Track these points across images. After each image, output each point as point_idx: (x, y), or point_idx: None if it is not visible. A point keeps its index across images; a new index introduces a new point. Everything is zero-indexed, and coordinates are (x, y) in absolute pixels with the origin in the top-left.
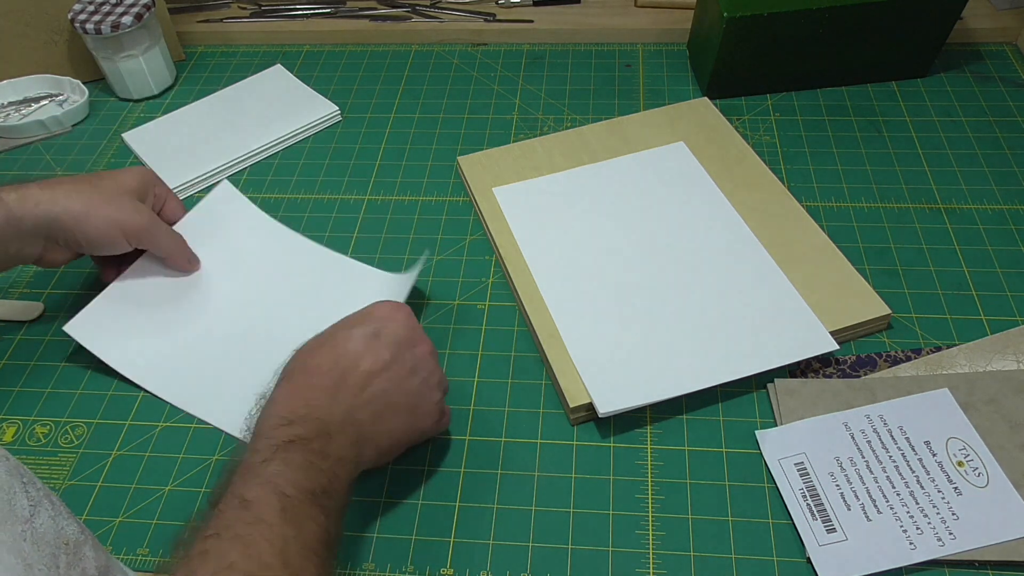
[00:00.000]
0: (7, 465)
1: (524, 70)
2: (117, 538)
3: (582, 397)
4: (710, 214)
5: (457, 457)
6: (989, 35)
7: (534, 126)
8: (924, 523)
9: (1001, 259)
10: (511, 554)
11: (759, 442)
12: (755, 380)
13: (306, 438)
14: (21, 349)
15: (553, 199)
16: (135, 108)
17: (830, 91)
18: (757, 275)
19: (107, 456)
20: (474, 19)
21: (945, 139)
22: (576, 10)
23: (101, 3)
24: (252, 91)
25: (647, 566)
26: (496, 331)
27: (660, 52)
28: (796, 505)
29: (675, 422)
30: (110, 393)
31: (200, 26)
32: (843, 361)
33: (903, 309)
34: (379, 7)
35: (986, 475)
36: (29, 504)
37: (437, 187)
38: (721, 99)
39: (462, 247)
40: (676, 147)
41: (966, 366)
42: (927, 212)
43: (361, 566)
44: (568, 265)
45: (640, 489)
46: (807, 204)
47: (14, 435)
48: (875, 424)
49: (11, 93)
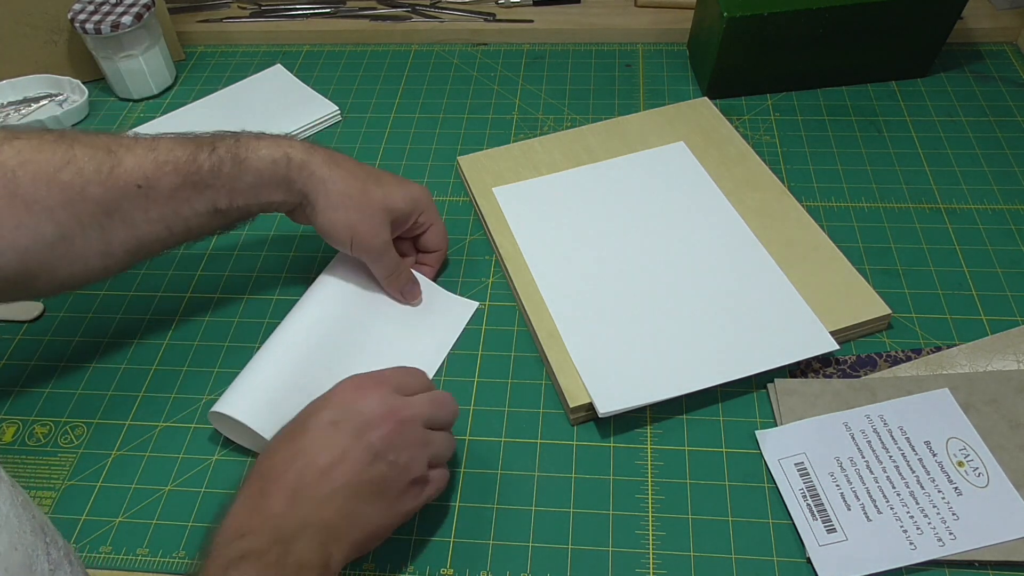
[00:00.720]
0: (33, 524)
1: (524, 70)
2: (117, 538)
3: (582, 397)
4: (710, 214)
5: (457, 457)
6: (989, 35)
7: (534, 126)
8: (924, 523)
9: (1001, 259)
10: (511, 554)
11: (759, 442)
12: (755, 380)
13: (260, 551)
14: (21, 349)
15: (553, 199)
16: (135, 108)
17: (830, 91)
18: (757, 275)
19: (107, 456)
20: (474, 19)
21: (945, 139)
22: (576, 10)
23: (101, 3)
24: (252, 91)
25: (647, 566)
26: (496, 331)
27: (660, 52)
28: (796, 505)
29: (675, 422)
30: (110, 393)
31: (200, 26)
32: (843, 361)
33: (903, 309)
34: (379, 7)
35: (986, 475)
36: (49, 568)
37: (437, 187)
38: (721, 99)
39: (462, 247)
40: (676, 147)
41: (966, 366)
42: (927, 212)
43: (361, 566)
44: (568, 265)
45: (640, 489)
46: (807, 204)
47: (14, 435)
48: (875, 424)
49: (11, 93)
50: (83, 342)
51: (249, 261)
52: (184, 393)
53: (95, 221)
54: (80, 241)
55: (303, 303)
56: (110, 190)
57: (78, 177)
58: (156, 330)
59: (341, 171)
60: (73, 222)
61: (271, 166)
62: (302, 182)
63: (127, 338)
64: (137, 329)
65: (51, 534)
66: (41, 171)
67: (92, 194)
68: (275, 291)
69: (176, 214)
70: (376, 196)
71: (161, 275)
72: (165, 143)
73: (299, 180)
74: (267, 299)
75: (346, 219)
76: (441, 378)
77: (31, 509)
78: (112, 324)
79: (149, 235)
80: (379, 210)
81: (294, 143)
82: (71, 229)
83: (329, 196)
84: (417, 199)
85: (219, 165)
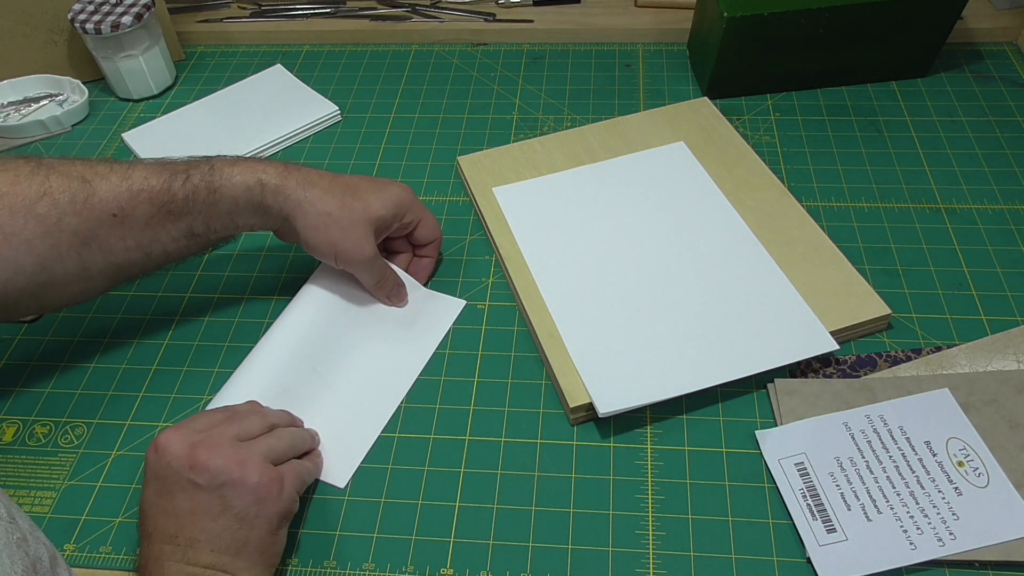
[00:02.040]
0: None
1: (524, 70)
2: (117, 538)
3: (582, 397)
4: (710, 214)
5: (457, 457)
6: (989, 35)
7: (534, 126)
8: (924, 523)
9: (1001, 259)
10: (511, 554)
11: (759, 442)
12: (755, 380)
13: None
14: (21, 349)
15: (553, 199)
16: (135, 108)
17: (830, 91)
18: (757, 275)
19: (107, 456)
20: (474, 19)
21: (945, 139)
22: (576, 10)
23: (101, 3)
24: (252, 91)
25: (647, 566)
26: (496, 331)
27: (660, 52)
28: (796, 505)
29: (675, 422)
30: (110, 393)
31: (200, 26)
32: (843, 361)
33: (903, 309)
34: (379, 7)
35: (986, 475)
36: None
37: (437, 187)
38: (721, 99)
39: (462, 247)
40: (676, 147)
41: (966, 366)
42: (927, 212)
43: (361, 566)
44: (568, 265)
45: (640, 489)
46: (807, 204)
47: (14, 435)
48: (875, 424)
49: (11, 93)
50: (83, 342)
51: (249, 262)
52: (184, 393)
53: (73, 250)
54: (59, 269)
55: (290, 308)
56: (86, 220)
57: (54, 208)
58: (156, 330)
59: (317, 191)
60: (51, 252)
61: (245, 193)
62: (279, 206)
63: (127, 338)
64: (137, 329)
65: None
66: (18, 204)
67: (69, 224)
68: (275, 291)
69: (153, 241)
70: (356, 209)
71: (161, 275)
72: (139, 171)
73: (275, 205)
74: (267, 299)
75: (327, 238)
76: (441, 378)
77: (26, 546)
78: (112, 324)
79: (127, 261)
80: (360, 223)
81: (268, 167)
82: (49, 259)
83: (308, 217)
84: (399, 201)
85: (193, 193)
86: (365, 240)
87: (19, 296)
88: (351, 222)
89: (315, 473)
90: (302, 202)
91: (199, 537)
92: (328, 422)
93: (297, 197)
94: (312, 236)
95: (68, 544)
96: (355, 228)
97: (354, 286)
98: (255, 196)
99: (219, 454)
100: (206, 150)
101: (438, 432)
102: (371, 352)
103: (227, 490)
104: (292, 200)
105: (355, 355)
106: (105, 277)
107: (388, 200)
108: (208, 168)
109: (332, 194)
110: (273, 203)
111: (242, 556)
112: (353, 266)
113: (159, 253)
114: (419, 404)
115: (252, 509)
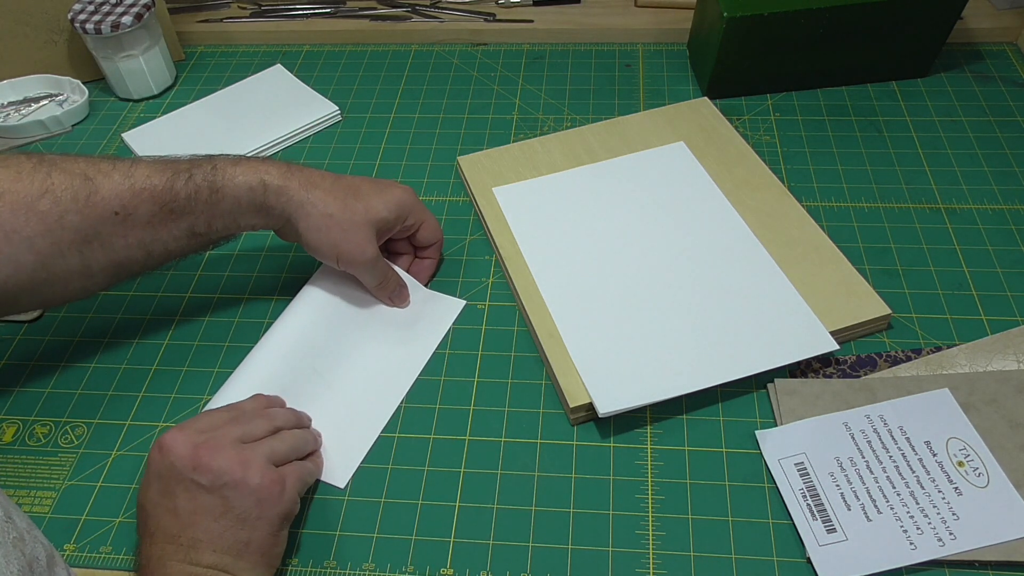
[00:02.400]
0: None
1: (524, 70)
2: (117, 538)
3: (582, 397)
4: (710, 214)
5: (457, 457)
6: (989, 35)
7: (534, 126)
8: (924, 523)
9: (1001, 259)
10: (511, 554)
11: (759, 442)
12: (755, 380)
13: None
14: (21, 349)
15: (553, 199)
16: (135, 108)
17: (830, 91)
18: (757, 275)
19: (107, 456)
20: (474, 19)
21: (945, 139)
22: (576, 10)
23: (101, 3)
24: (252, 91)
25: (647, 566)
26: (496, 331)
27: (660, 52)
28: (796, 505)
29: (675, 422)
30: (110, 393)
31: (200, 26)
32: (843, 361)
33: (903, 309)
34: (379, 7)
35: (986, 475)
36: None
37: (437, 187)
38: (721, 99)
39: (462, 247)
40: (676, 147)
41: (966, 366)
42: (927, 212)
43: (361, 566)
44: (568, 265)
45: (640, 489)
46: (807, 204)
47: (14, 435)
48: (875, 424)
49: (11, 93)
50: (83, 342)
51: (249, 262)
52: (184, 393)
53: (74, 247)
54: (60, 267)
55: (291, 308)
56: (87, 218)
57: (56, 206)
58: (156, 330)
59: (319, 192)
60: (52, 249)
61: (248, 193)
62: (281, 207)
63: (127, 338)
64: (137, 329)
65: (39, 571)
66: (19, 201)
67: (70, 222)
68: (275, 291)
69: (155, 239)
70: (358, 211)
71: (161, 275)
72: (142, 169)
73: (278, 206)
74: (267, 299)
75: (329, 239)
76: (441, 378)
77: (22, 546)
78: (112, 324)
79: (128, 258)
80: (362, 225)
81: (271, 167)
82: (51, 256)
83: (310, 219)
84: (401, 203)
85: (196, 193)
86: (367, 242)
87: (19, 293)
88: (353, 224)
89: (316, 474)
90: (304, 203)
91: (201, 537)
92: (328, 422)
93: (299, 198)
94: (314, 237)
95: (68, 544)
96: (357, 230)
97: (354, 286)
98: (257, 196)
99: (222, 455)
100: (206, 150)
101: (438, 432)
102: (371, 352)
103: (229, 491)
104: (294, 201)
105: (355, 355)
106: (106, 275)
107: (390, 202)
108: (211, 167)
109: (334, 196)
110: (275, 204)
111: (244, 557)
112: (355, 268)
113: (160, 251)
114: (419, 404)
115: (254, 510)
